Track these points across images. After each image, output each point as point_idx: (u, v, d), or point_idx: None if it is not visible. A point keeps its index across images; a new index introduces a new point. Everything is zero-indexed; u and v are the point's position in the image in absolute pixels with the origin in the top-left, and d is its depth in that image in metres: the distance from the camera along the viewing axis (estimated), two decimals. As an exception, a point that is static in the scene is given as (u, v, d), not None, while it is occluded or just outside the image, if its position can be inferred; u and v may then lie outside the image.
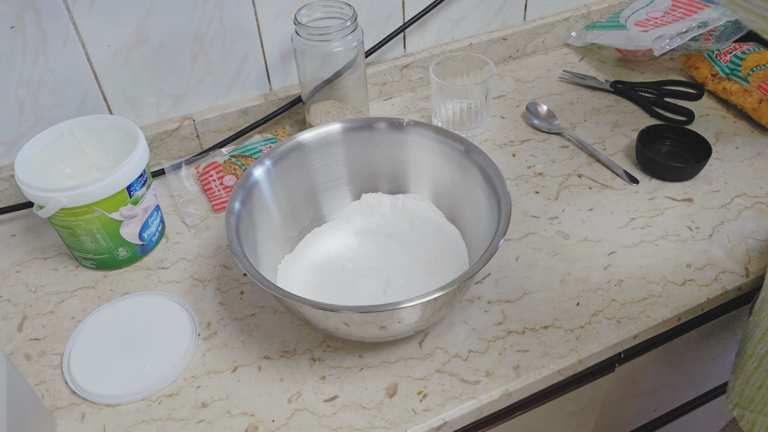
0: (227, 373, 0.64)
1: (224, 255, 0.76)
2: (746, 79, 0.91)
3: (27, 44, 0.74)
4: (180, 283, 0.73)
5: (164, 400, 0.62)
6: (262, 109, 0.92)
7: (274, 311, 0.69)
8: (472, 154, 0.69)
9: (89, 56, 0.79)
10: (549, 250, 0.74)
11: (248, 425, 0.59)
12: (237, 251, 0.60)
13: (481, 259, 0.57)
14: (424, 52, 1.01)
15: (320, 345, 0.66)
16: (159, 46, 0.82)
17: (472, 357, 0.64)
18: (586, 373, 0.69)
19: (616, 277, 0.71)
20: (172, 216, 0.82)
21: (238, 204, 0.65)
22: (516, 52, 1.08)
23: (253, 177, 0.68)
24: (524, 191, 0.82)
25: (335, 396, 0.61)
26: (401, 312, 0.55)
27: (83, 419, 0.60)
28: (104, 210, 0.69)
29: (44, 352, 0.67)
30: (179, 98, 0.88)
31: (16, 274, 0.76)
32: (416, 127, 0.73)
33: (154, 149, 0.88)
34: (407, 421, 0.59)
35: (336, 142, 0.74)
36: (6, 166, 0.82)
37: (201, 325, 0.68)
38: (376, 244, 0.73)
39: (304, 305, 0.55)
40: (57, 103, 0.80)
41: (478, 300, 0.69)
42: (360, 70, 0.86)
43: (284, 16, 0.87)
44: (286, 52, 0.91)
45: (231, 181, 0.84)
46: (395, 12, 0.95)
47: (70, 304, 0.72)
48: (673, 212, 0.78)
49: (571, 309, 0.68)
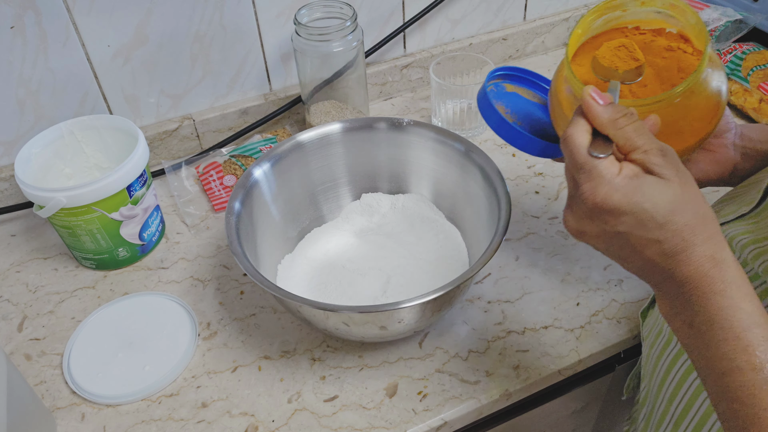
0: (227, 373, 0.64)
1: (224, 255, 0.76)
2: (746, 79, 0.91)
3: (27, 44, 0.74)
4: (180, 283, 0.73)
5: (164, 400, 0.62)
6: (262, 109, 0.92)
7: (274, 311, 0.69)
8: (472, 154, 0.69)
9: (89, 56, 0.79)
10: (549, 250, 0.74)
11: (248, 425, 0.59)
12: (237, 251, 0.60)
13: (481, 259, 0.57)
14: (424, 52, 1.01)
15: (320, 345, 0.66)
16: (159, 46, 0.82)
17: (472, 357, 0.64)
18: (586, 373, 0.69)
19: (616, 277, 0.71)
20: (172, 216, 0.82)
21: (238, 204, 0.65)
22: (516, 52, 1.08)
23: (253, 177, 0.68)
24: (524, 191, 0.82)
25: (335, 396, 0.61)
26: (401, 312, 0.55)
27: (83, 419, 0.60)
28: (104, 210, 0.69)
29: (44, 352, 0.67)
30: (179, 98, 0.88)
31: (16, 274, 0.76)
32: (416, 127, 0.73)
33: (154, 149, 0.88)
34: (407, 421, 0.59)
35: (336, 142, 0.74)
36: (6, 166, 0.82)
37: (201, 325, 0.68)
38: (376, 244, 0.73)
39: (304, 305, 0.55)
40: (57, 103, 0.80)
41: (478, 300, 0.69)
42: (360, 70, 0.86)
43: (284, 16, 0.87)
44: (286, 52, 0.91)
45: (231, 181, 0.84)
46: (395, 12, 0.95)
47: (70, 304, 0.72)
48: (673, 212, 0.78)
49: (571, 309, 0.68)
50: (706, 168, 0.57)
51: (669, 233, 0.40)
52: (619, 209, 0.40)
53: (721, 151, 0.57)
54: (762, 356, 0.37)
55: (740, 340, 0.37)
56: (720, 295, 0.39)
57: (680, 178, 0.41)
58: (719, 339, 0.38)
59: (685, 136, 0.53)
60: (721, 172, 0.57)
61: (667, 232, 0.40)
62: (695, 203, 0.40)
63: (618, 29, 0.58)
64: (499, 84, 0.68)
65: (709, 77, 0.52)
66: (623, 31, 0.58)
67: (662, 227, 0.40)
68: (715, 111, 0.53)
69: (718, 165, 0.57)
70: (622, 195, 0.40)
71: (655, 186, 0.40)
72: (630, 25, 0.58)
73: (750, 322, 0.38)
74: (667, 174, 0.41)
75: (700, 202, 0.41)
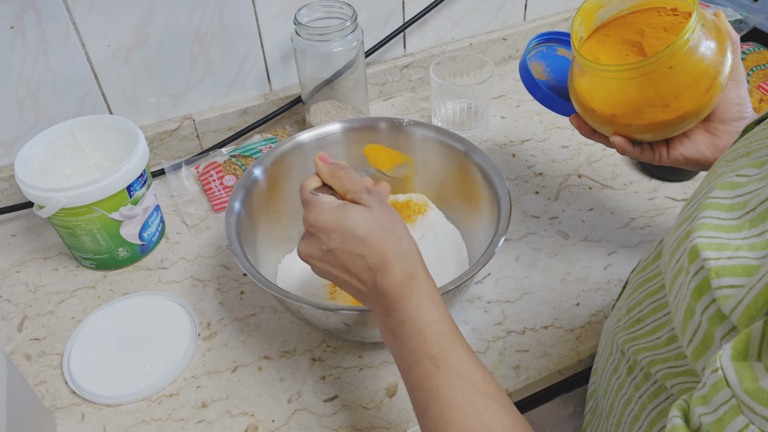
0: (227, 373, 0.64)
1: (224, 255, 0.76)
2: (746, 79, 0.91)
3: (27, 44, 0.74)
4: (180, 283, 0.73)
5: (164, 400, 0.62)
6: (262, 109, 0.92)
7: (274, 311, 0.69)
8: (472, 154, 0.69)
9: (89, 56, 0.79)
10: (549, 250, 0.74)
11: (248, 425, 0.59)
12: (237, 251, 0.60)
13: (481, 259, 0.57)
14: (424, 52, 1.01)
15: (320, 345, 0.66)
16: (159, 46, 0.82)
17: (472, 357, 0.64)
18: (586, 373, 0.69)
19: (616, 277, 0.71)
20: (172, 216, 0.82)
21: (238, 204, 0.65)
22: (516, 52, 1.08)
23: (253, 177, 0.68)
24: (524, 191, 0.82)
25: (335, 396, 0.61)
26: (401, 312, 0.55)
27: (83, 419, 0.60)
28: (104, 210, 0.69)
29: (44, 352, 0.67)
30: (179, 98, 0.88)
31: (16, 274, 0.76)
32: (416, 127, 0.73)
33: (154, 149, 0.88)
34: (407, 420, 0.59)
35: (336, 142, 0.74)
36: (6, 166, 0.82)
37: (201, 325, 0.68)
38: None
39: (304, 305, 0.55)
40: (57, 103, 0.80)
41: (478, 300, 0.69)
42: (360, 70, 0.86)
43: (284, 16, 0.87)
44: (286, 52, 0.91)
45: (231, 181, 0.84)
46: (395, 12, 0.95)
47: (70, 304, 0.72)
48: (673, 212, 0.78)
49: (571, 309, 0.68)
50: (704, 150, 0.58)
51: (370, 248, 0.47)
52: (327, 227, 0.49)
53: (725, 138, 0.57)
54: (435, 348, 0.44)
55: (421, 335, 0.45)
56: (408, 299, 0.46)
57: (381, 207, 0.50)
58: (407, 335, 0.45)
59: (669, 110, 0.54)
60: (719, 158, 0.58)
61: (368, 247, 0.47)
62: (391, 225, 0.49)
63: (653, 8, 0.59)
64: (552, 47, 0.73)
65: (697, 51, 0.52)
66: (658, 11, 0.59)
67: (363, 242, 0.48)
68: (705, 88, 0.53)
69: (717, 150, 0.57)
70: (329, 215, 0.49)
71: (357, 210, 0.49)
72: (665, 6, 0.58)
73: (429, 319, 0.45)
74: (369, 203, 0.50)
75: (397, 225, 0.49)
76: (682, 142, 0.58)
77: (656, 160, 0.60)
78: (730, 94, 0.56)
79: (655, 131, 0.56)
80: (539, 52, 0.72)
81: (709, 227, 0.35)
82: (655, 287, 0.46)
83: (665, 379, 0.42)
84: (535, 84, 0.68)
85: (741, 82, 0.57)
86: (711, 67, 0.52)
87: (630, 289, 0.53)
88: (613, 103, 0.56)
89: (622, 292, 0.58)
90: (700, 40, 0.52)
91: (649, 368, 0.44)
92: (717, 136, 0.57)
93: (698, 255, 0.33)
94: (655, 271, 0.48)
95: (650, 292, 0.47)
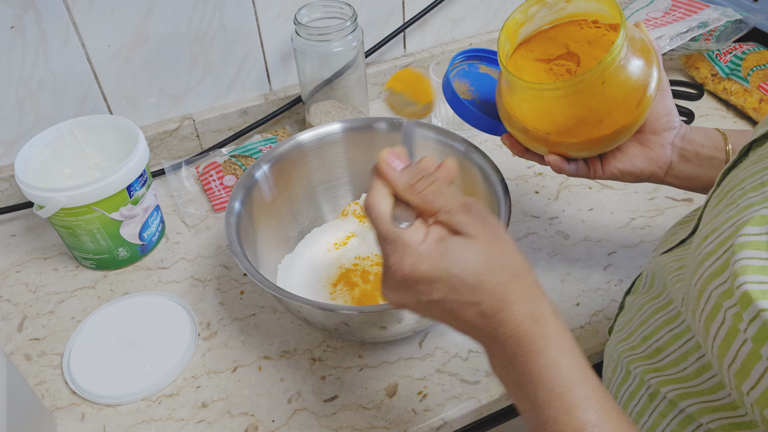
0: (227, 373, 0.64)
1: (224, 255, 0.76)
2: (746, 79, 0.91)
3: (27, 44, 0.74)
4: (180, 283, 0.73)
5: (164, 400, 0.62)
6: (262, 109, 0.92)
7: (274, 311, 0.69)
8: (472, 154, 0.69)
9: (89, 56, 0.79)
10: (549, 250, 0.74)
11: (248, 425, 0.59)
12: (237, 251, 0.60)
13: (481, 259, 0.57)
14: (424, 52, 1.01)
15: (320, 345, 0.66)
16: (159, 46, 0.82)
17: (472, 357, 0.64)
18: (586, 373, 0.69)
19: (616, 277, 0.71)
20: (172, 216, 0.82)
21: (238, 204, 0.65)
22: (516, 52, 1.08)
23: (253, 177, 0.68)
24: (524, 191, 0.82)
25: (335, 396, 0.61)
26: (401, 312, 0.55)
27: (83, 419, 0.60)
28: (104, 210, 0.69)
29: (44, 352, 0.67)
30: (179, 98, 0.88)
31: (16, 274, 0.76)
32: (416, 127, 0.73)
33: (154, 149, 0.88)
34: (407, 421, 0.59)
35: (336, 142, 0.74)
36: (6, 166, 0.82)
37: (201, 325, 0.68)
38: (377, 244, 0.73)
39: (304, 305, 0.55)
40: (57, 103, 0.80)
41: (478, 300, 0.69)
42: (360, 70, 0.86)
43: (284, 16, 0.87)
44: (286, 52, 0.91)
45: (231, 181, 0.84)
46: (395, 12, 0.95)
47: (70, 304, 0.72)
48: (672, 212, 0.78)
49: (571, 309, 0.68)
50: (639, 163, 0.57)
51: (484, 294, 0.39)
52: (428, 278, 0.39)
53: (657, 149, 0.57)
54: (583, 417, 0.36)
55: (563, 401, 0.37)
56: (540, 353, 0.38)
57: (488, 233, 0.40)
58: (544, 402, 0.37)
59: (602, 126, 0.53)
60: (654, 169, 0.57)
61: (481, 293, 0.39)
62: (505, 259, 0.40)
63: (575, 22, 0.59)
64: (473, 64, 0.70)
65: (627, 66, 0.52)
66: (580, 24, 0.59)
67: (475, 289, 0.39)
68: (636, 102, 0.53)
69: (651, 162, 0.57)
70: (429, 264, 0.39)
71: (461, 247, 0.39)
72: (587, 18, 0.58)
73: (571, 380, 0.37)
74: (473, 232, 0.40)
75: (510, 256, 0.40)
76: (616, 156, 0.58)
77: (592, 176, 0.59)
78: (658, 105, 0.56)
79: (590, 148, 0.56)
80: (461, 71, 0.69)
81: (754, 270, 0.32)
82: (671, 315, 0.45)
83: (700, 415, 0.40)
84: (461, 103, 0.65)
85: (666, 92, 0.57)
86: (641, 80, 0.52)
87: (632, 312, 0.51)
88: (547, 121, 0.55)
89: (619, 313, 0.57)
90: (629, 54, 0.52)
91: (678, 401, 0.42)
92: (650, 148, 0.57)
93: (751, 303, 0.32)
94: (667, 299, 0.46)
95: (666, 320, 0.45)
